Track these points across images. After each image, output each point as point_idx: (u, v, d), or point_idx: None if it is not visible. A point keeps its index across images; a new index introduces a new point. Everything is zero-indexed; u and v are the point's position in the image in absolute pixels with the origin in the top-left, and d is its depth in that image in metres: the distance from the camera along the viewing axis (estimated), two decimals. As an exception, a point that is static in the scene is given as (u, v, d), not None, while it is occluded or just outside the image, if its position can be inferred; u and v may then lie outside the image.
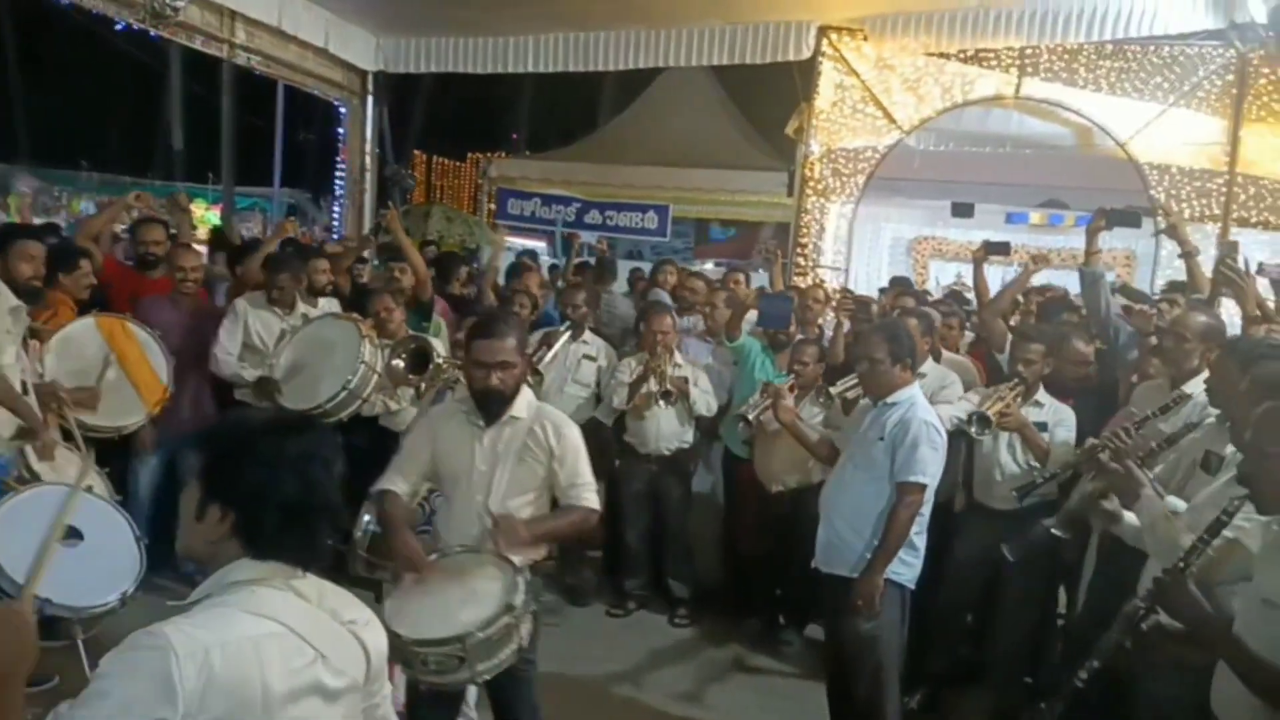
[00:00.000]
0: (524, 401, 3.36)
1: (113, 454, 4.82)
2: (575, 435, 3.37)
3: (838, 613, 3.98)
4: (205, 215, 21.82)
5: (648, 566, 6.03)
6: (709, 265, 16.37)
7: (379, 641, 1.95)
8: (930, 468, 3.84)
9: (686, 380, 5.71)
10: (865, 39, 8.79)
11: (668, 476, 5.86)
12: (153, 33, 7.60)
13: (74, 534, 3.40)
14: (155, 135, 26.07)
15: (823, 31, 8.78)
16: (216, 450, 1.81)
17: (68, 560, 3.34)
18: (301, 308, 5.68)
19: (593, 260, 8.87)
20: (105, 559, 3.43)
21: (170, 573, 4.32)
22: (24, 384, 4.23)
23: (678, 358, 5.80)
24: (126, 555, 3.50)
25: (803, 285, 8.25)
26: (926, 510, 3.92)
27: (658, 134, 13.25)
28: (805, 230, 9.23)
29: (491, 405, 3.30)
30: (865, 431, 4.02)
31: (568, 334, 5.91)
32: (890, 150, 9.03)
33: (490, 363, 3.24)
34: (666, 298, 6.96)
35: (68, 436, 4.37)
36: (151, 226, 6.07)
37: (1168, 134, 8.47)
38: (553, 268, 10.60)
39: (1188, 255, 5.02)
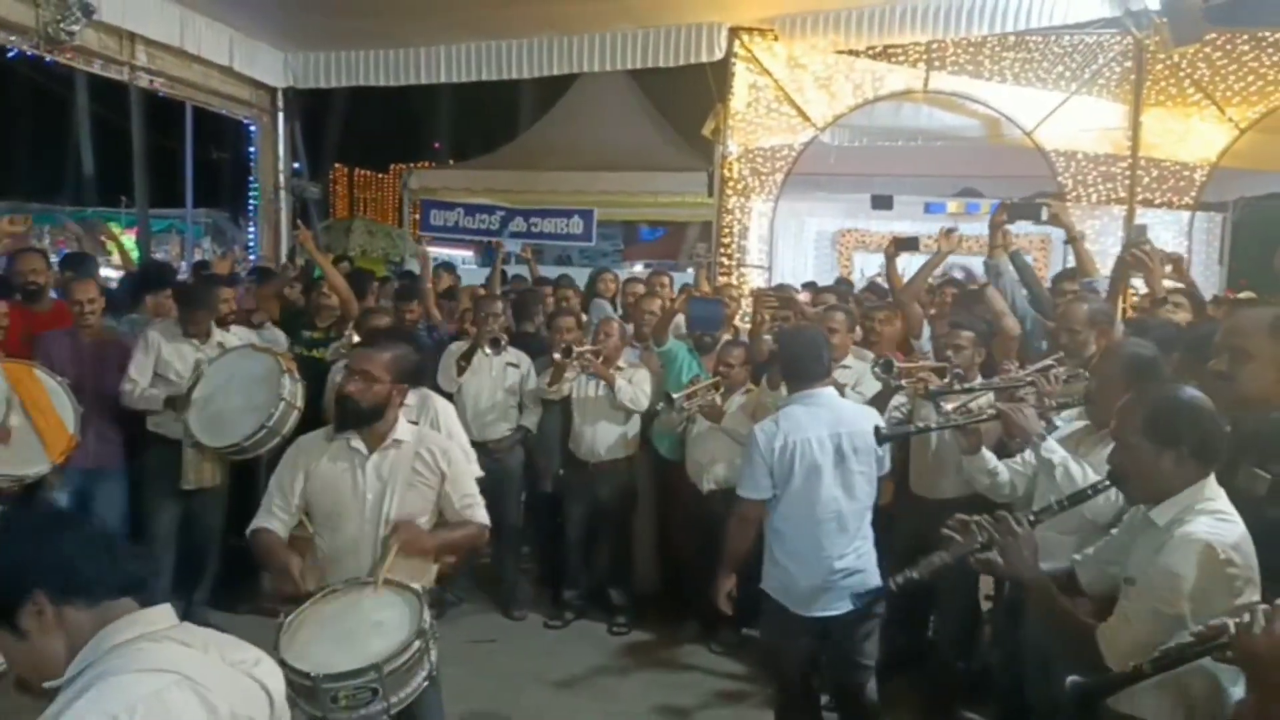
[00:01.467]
0: (405, 426, 3.36)
1: (18, 504, 4.66)
2: (459, 454, 3.48)
3: None
4: (123, 239, 21.26)
5: (587, 574, 6.02)
6: (638, 266, 16.42)
7: (276, 680, 1.90)
8: (745, 479, 3.91)
9: (618, 368, 5.75)
10: (776, 39, 8.87)
11: (608, 484, 5.84)
12: (48, 59, 7.37)
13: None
14: (64, 160, 25.32)
15: (734, 33, 8.84)
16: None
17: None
18: (217, 337, 5.53)
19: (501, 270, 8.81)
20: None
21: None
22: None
23: (621, 361, 5.85)
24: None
25: (725, 284, 8.33)
26: (785, 525, 3.88)
27: (579, 139, 13.22)
28: (727, 230, 9.27)
29: (346, 414, 3.25)
30: None
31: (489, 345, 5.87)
32: (806, 147, 9.12)
33: (354, 369, 3.26)
34: (608, 306, 6.97)
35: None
36: (30, 256, 5.78)
37: (1071, 121, 8.69)
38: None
39: (1073, 240, 5.23)
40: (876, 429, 3.80)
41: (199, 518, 5.49)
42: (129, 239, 19.44)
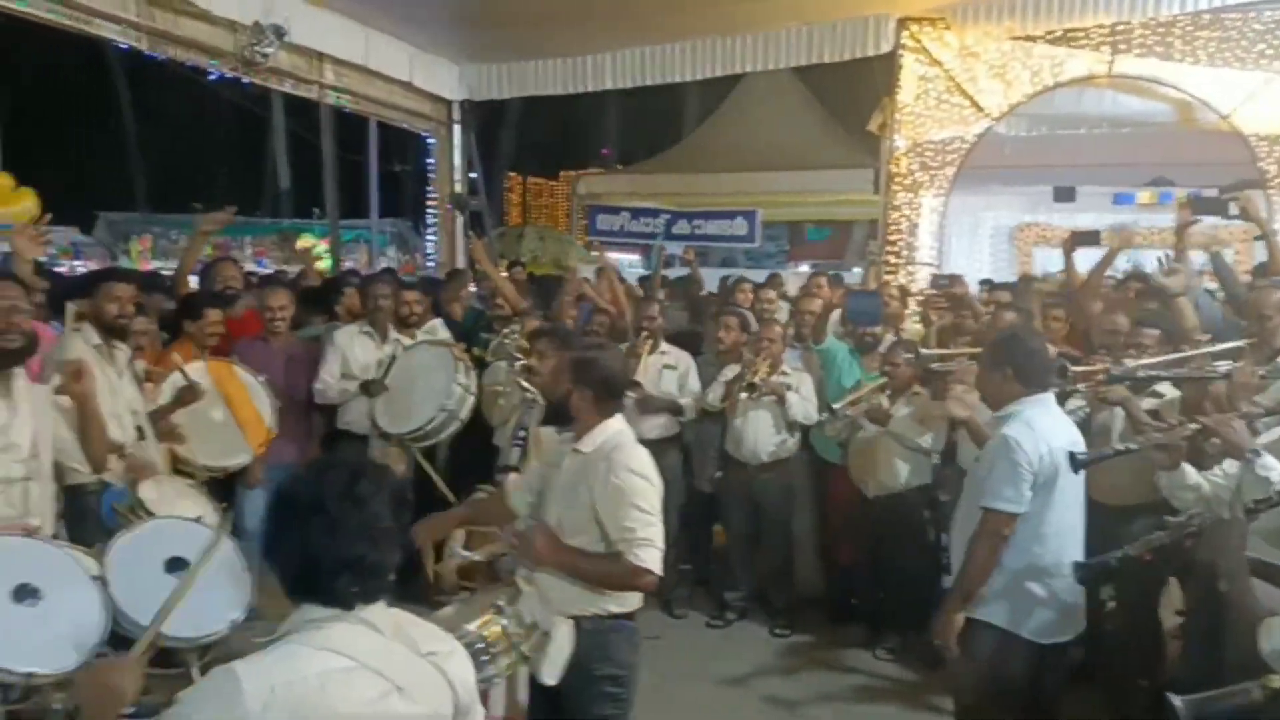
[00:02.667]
0: (594, 438, 3.15)
1: (221, 490, 5.04)
2: (623, 484, 3.02)
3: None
4: (315, 249, 22.68)
5: (748, 576, 6.00)
6: (804, 267, 16.23)
7: (464, 672, 1.94)
8: (1005, 489, 3.35)
9: (787, 385, 5.65)
10: (947, 28, 8.58)
11: (767, 487, 5.80)
12: (245, 80, 7.94)
13: (184, 565, 3.54)
14: (262, 175, 27.23)
15: (902, 24, 8.61)
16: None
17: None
18: (394, 335, 5.84)
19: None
20: (217, 589, 3.55)
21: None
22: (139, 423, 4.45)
23: (784, 366, 5.76)
24: (237, 585, 3.62)
25: (885, 283, 8.13)
26: (1040, 544, 3.42)
27: (743, 139, 13.21)
28: (895, 227, 9.04)
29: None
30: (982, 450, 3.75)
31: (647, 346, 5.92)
32: (980, 139, 8.78)
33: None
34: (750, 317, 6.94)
35: (180, 473, 4.58)
36: (226, 264, 6.37)
37: (1273, 103, 8.03)
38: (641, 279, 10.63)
39: (1265, 236, 4.86)
40: (1072, 456, 3.41)
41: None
42: (321, 248, 20.72)
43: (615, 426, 3.16)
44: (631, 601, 3.14)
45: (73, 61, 21.82)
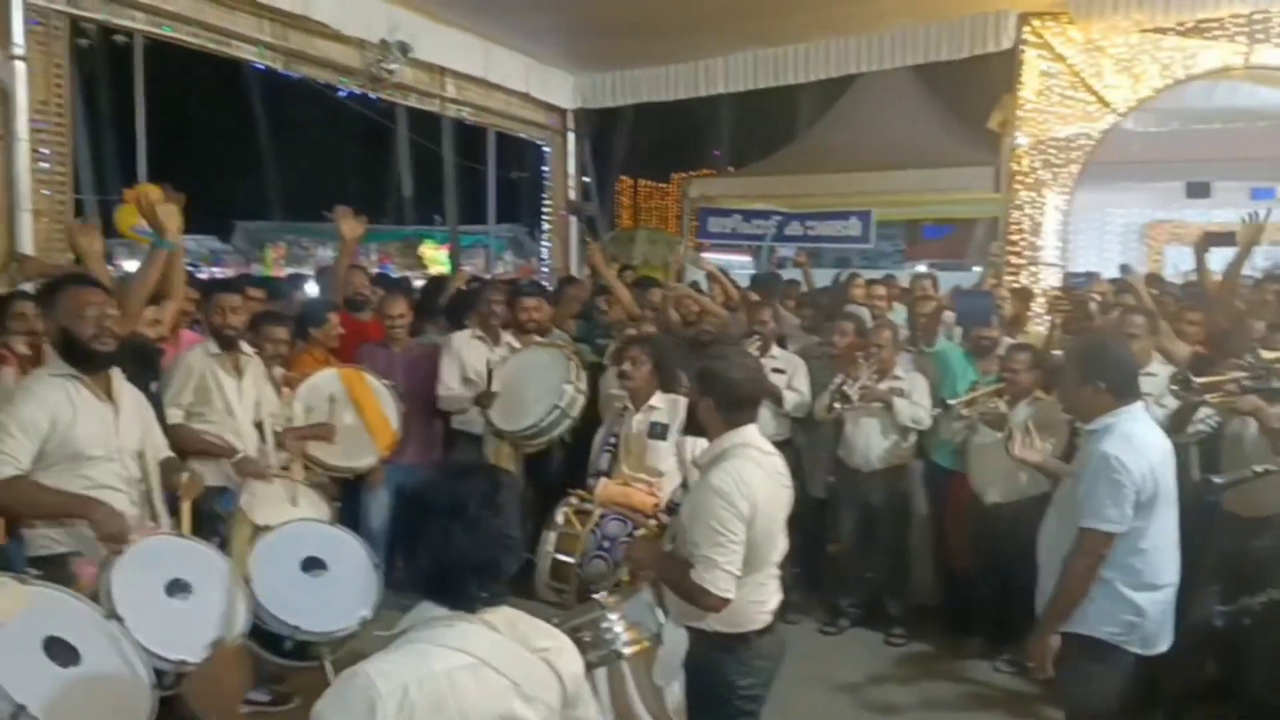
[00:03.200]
0: (713, 446, 3.14)
1: (349, 491, 5.29)
2: (710, 500, 2.97)
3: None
4: (435, 255, 23.39)
5: (862, 583, 5.95)
6: (921, 266, 15.91)
7: (573, 667, 2.01)
8: (1107, 510, 3.25)
9: (899, 391, 5.59)
10: (1071, 22, 8.35)
11: (881, 493, 5.75)
12: (372, 95, 8.28)
13: (319, 565, 3.74)
14: (387, 185, 28.20)
15: (1023, 19, 8.42)
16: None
17: (314, 589, 3.66)
18: (506, 338, 6.01)
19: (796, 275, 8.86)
20: (347, 586, 3.74)
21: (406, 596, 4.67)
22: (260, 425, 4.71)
23: (897, 369, 5.70)
24: (365, 582, 3.80)
25: (1017, 285, 7.94)
26: (1139, 559, 3.33)
27: (858, 138, 13.02)
28: (1017, 226, 8.83)
29: None
30: (1075, 465, 3.59)
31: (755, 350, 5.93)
32: (1106, 135, 8.50)
33: None
34: (866, 314, 6.86)
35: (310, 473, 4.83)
36: (356, 272, 6.73)
37: None
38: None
39: None
40: (1208, 480, 3.35)
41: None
42: (441, 254, 21.35)
43: (735, 439, 3.06)
44: (741, 623, 3.05)
45: (213, 80, 23.07)
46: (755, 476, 2.99)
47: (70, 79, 5.75)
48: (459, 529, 1.86)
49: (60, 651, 2.69)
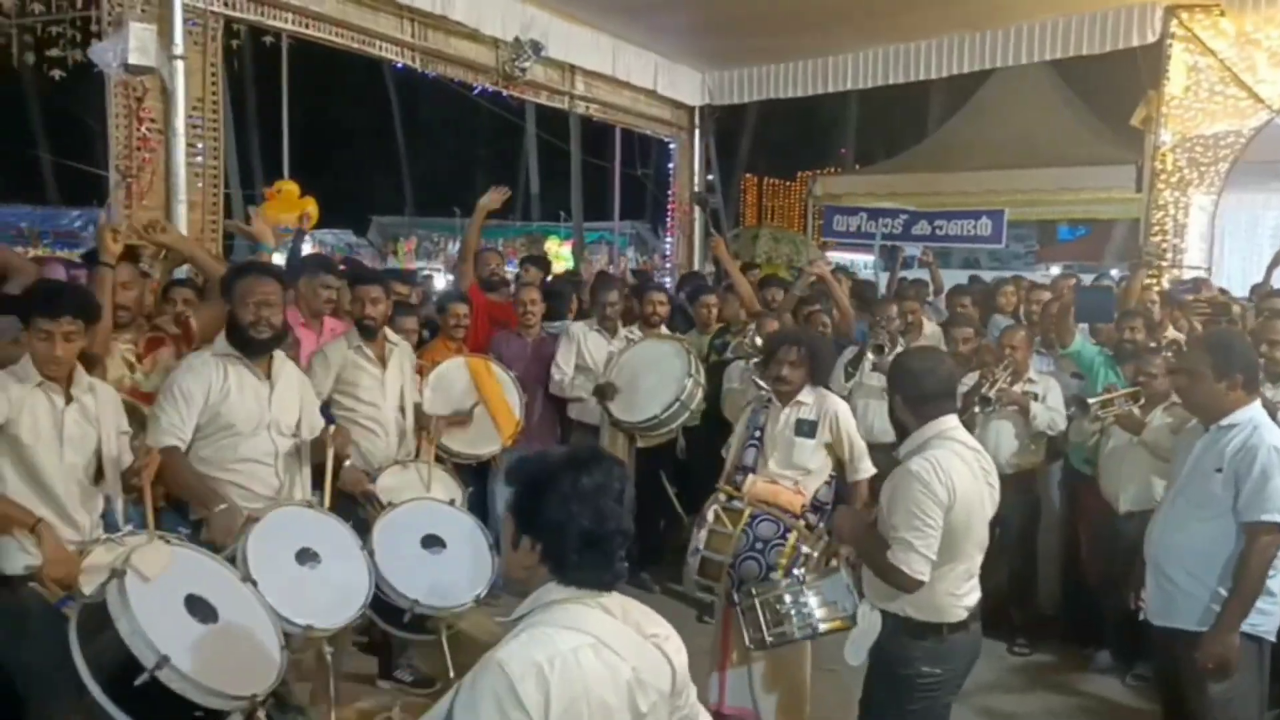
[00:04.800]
0: (912, 439, 3.24)
1: (473, 477, 5.44)
2: (909, 485, 3.05)
3: (1180, 673, 3.49)
4: (559, 251, 23.76)
5: (986, 589, 5.79)
6: (1055, 269, 15.40)
7: (681, 656, 2.05)
8: None
9: (1034, 395, 5.43)
10: (1222, 14, 7.93)
11: (1009, 496, 5.56)
12: (504, 93, 8.49)
13: (438, 542, 3.89)
14: (515, 181, 28.79)
15: (1171, 12, 8.04)
16: (522, 487, 2.00)
17: (433, 565, 3.81)
18: (623, 331, 6.11)
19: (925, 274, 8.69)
20: (463, 565, 3.88)
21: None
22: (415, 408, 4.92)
23: (1030, 372, 5.54)
24: (482, 561, 3.93)
25: (1158, 288, 7.61)
26: None
27: (991, 136, 12.68)
28: (1159, 227, 8.45)
29: None
30: (1198, 460, 3.52)
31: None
32: (1258, 132, 8.05)
33: None
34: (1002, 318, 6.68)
35: (439, 460, 4.99)
36: (491, 254, 7.12)
37: None
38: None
39: None
40: None
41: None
42: (566, 250, 21.67)
43: (935, 429, 3.12)
44: (935, 612, 3.09)
45: (352, 79, 23.99)
46: (956, 466, 3.06)
47: (223, 78, 6.08)
48: (574, 503, 1.91)
49: (200, 608, 2.88)
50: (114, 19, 5.49)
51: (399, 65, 7.44)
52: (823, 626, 3.35)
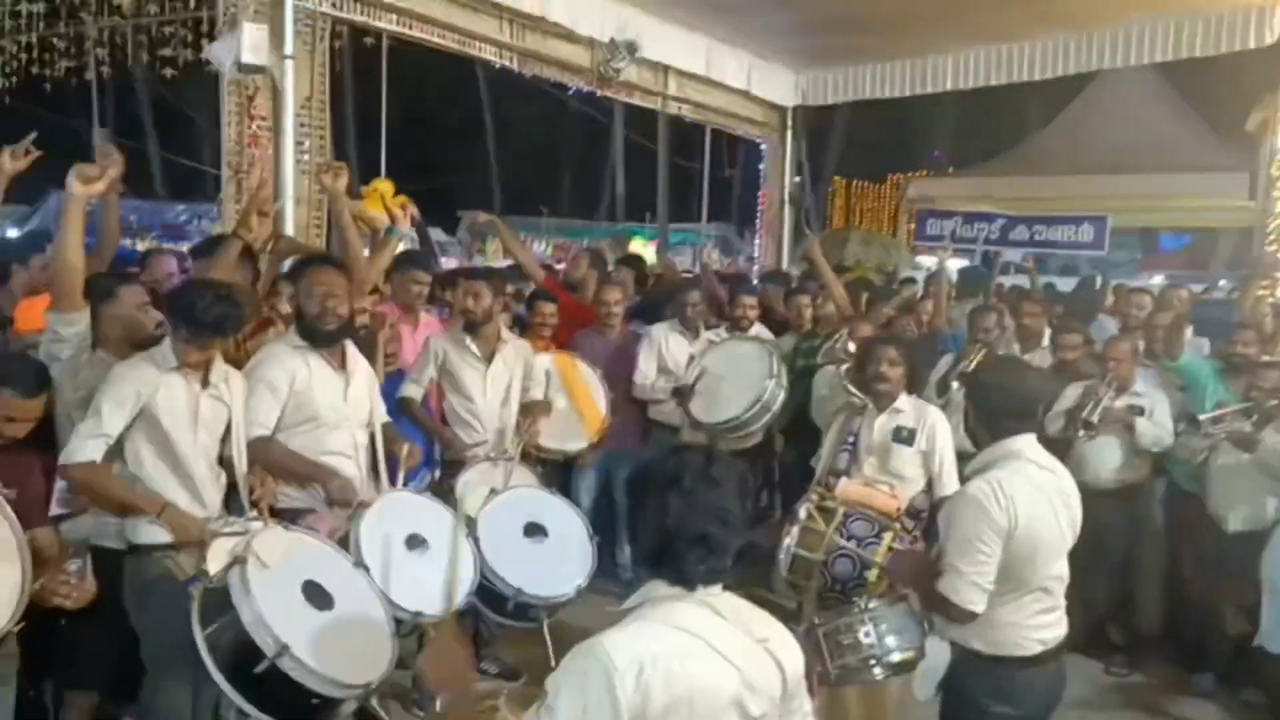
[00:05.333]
0: (981, 456, 3.16)
1: (557, 471, 5.49)
2: (962, 509, 2.94)
3: None
4: (644, 251, 23.81)
5: (1084, 606, 5.62)
6: (1157, 278, 14.90)
7: (793, 658, 2.00)
8: None
9: (1139, 409, 5.24)
10: (1347, 13, 7.58)
11: (1111, 512, 5.39)
12: (597, 93, 8.54)
13: (540, 531, 3.93)
14: (601, 182, 28.99)
15: (1291, 12, 7.70)
16: (631, 477, 2.02)
17: (536, 554, 3.84)
18: (705, 334, 6.07)
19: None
20: (565, 555, 3.91)
21: (610, 571, 4.79)
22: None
23: (1137, 385, 5.35)
24: (581, 552, 3.95)
25: (1272, 299, 7.31)
26: None
27: (1093, 140, 12.38)
28: (1275, 237, 8.11)
29: None
30: None
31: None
32: (1388, 138, 7.69)
33: None
34: (1113, 325, 6.46)
35: (525, 455, 5.04)
36: (583, 255, 7.12)
37: None
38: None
39: None
40: None
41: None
42: (650, 250, 21.69)
43: (1004, 449, 2.95)
44: (1001, 645, 2.94)
45: (445, 78, 24.39)
46: (1021, 489, 2.87)
47: (328, 77, 6.23)
48: (675, 500, 1.90)
49: (316, 595, 2.95)
50: (228, 19, 5.68)
51: (496, 65, 7.52)
52: (892, 658, 3.23)
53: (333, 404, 3.79)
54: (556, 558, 3.86)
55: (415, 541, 3.44)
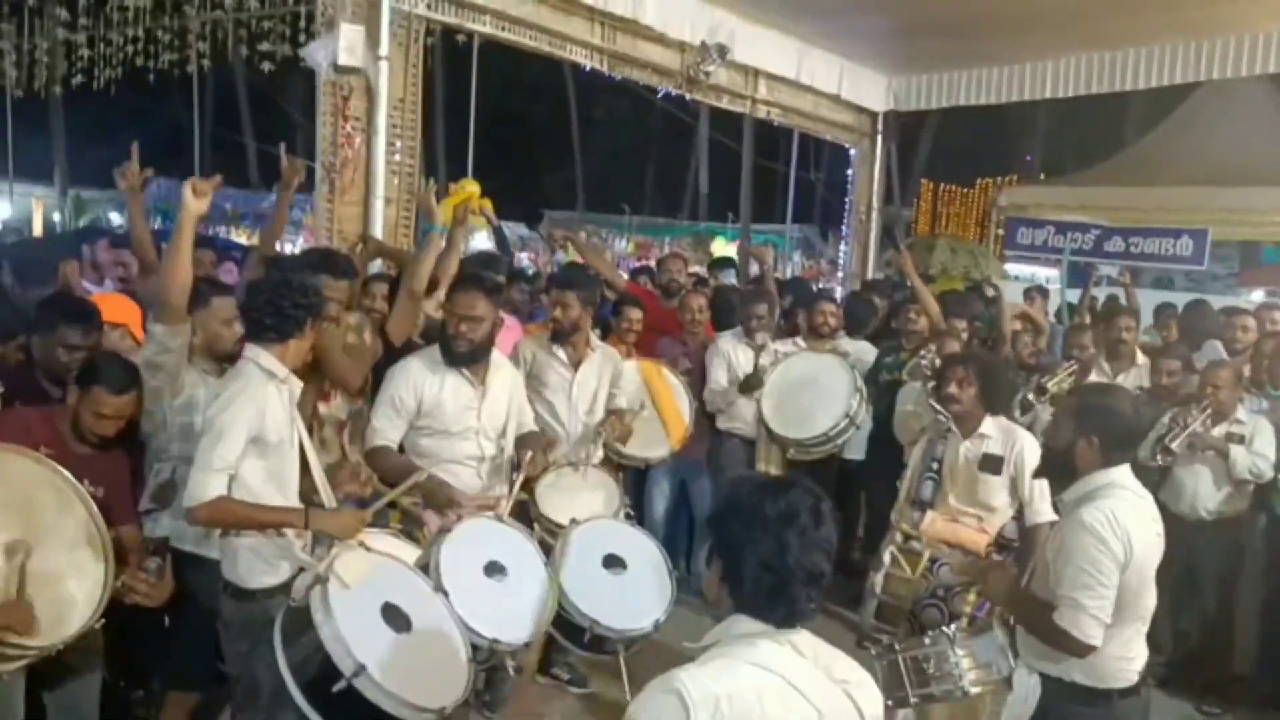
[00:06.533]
0: (1080, 485, 3.07)
1: (631, 478, 5.47)
2: (1081, 539, 2.87)
3: None
4: (725, 251, 23.72)
5: (1176, 643, 5.41)
6: (1258, 294, 14.33)
7: (873, 703, 1.97)
8: None
9: (1239, 438, 5.04)
10: None
11: (1208, 546, 5.18)
12: (687, 96, 8.49)
13: (619, 563, 3.87)
14: (684, 181, 28.97)
15: None
16: (720, 504, 1.98)
17: (614, 586, 3.79)
18: (774, 345, 5.91)
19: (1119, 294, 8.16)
20: (643, 587, 3.82)
21: (683, 580, 4.72)
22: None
23: (1239, 413, 5.15)
24: (662, 585, 3.85)
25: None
26: None
27: (1196, 151, 11.93)
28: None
29: None
30: None
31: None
32: None
33: None
34: (1221, 348, 6.20)
35: (605, 460, 5.03)
36: (674, 259, 7.17)
37: None
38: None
39: None
40: None
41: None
42: (731, 251, 21.59)
43: (1107, 478, 2.89)
44: (1105, 678, 2.87)
45: (533, 78, 24.62)
46: (1131, 518, 2.82)
47: (421, 78, 6.29)
48: (794, 539, 1.86)
49: (395, 618, 2.95)
50: (326, 19, 5.77)
51: (587, 68, 7.52)
52: (973, 689, 3.13)
53: (461, 417, 3.94)
54: (635, 590, 3.81)
55: (494, 569, 3.44)
